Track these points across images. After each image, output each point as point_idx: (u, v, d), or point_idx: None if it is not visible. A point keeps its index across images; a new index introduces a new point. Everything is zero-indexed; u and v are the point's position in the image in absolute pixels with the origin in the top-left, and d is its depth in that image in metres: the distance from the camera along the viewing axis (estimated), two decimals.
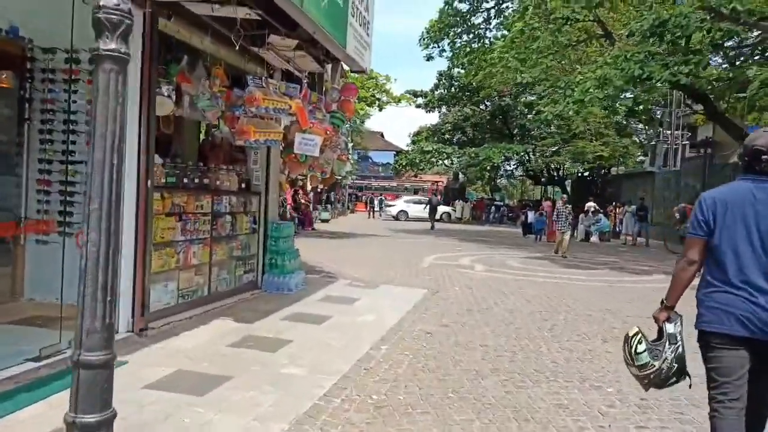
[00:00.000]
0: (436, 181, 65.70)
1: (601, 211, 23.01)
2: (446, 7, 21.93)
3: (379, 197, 43.81)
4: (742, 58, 14.78)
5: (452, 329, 5.82)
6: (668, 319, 2.61)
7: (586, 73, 16.06)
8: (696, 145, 26.72)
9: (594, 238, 21.09)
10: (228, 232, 6.35)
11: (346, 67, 7.07)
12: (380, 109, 17.90)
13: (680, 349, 2.58)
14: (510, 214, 39.76)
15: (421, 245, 16.40)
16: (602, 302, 7.90)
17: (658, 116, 36.41)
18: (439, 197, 35.52)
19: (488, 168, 31.67)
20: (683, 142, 25.80)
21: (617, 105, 15.10)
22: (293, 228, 7.42)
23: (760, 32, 13.80)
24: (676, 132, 25.46)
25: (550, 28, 16.43)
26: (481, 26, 20.67)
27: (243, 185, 6.76)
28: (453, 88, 37.30)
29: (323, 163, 7.15)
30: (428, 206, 28.00)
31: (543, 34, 15.91)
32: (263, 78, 5.70)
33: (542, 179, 39.32)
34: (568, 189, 39.86)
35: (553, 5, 16.34)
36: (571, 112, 15.15)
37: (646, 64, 14.33)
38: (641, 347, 2.61)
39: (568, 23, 16.16)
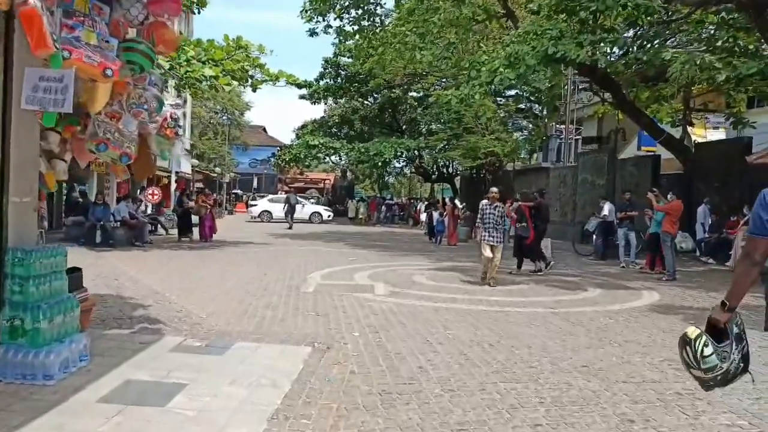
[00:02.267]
0: (323, 179, 62.91)
1: None
2: None
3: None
4: (656, 42, 13.46)
5: None
6: (729, 320, 2.40)
7: (492, 52, 14.07)
8: (589, 140, 26.42)
9: None
10: None
11: None
12: (254, 89, 14.51)
13: (746, 348, 2.45)
14: (401, 213, 37.93)
15: (306, 255, 13.42)
16: (569, 345, 5.50)
17: (538, 110, 36.67)
18: (297, 195, 32.88)
19: (379, 164, 29.32)
20: (575, 137, 25.25)
21: (529, 85, 13.16)
22: (64, 257, 4.12)
23: (687, 7, 12.48)
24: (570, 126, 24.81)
25: None
26: (372, 0, 18.06)
27: None
28: (340, 78, 34.61)
29: (118, 138, 3.95)
30: (286, 205, 26.60)
31: (444, 4, 13.62)
32: None
33: (433, 176, 37.86)
34: (457, 186, 38.97)
35: None
36: (477, 96, 12.98)
37: (560, 42, 12.56)
38: (708, 350, 2.39)
39: None
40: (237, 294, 7.72)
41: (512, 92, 31.90)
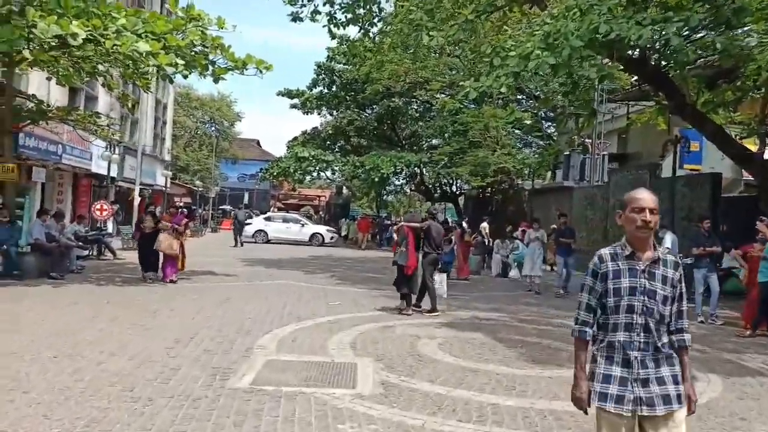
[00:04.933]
0: (318, 196, 59.67)
1: (518, 236, 18.12)
2: None
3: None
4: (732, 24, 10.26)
5: None
6: None
7: (522, 36, 10.92)
8: (618, 157, 23.19)
9: (513, 272, 16.00)
10: None
11: None
12: (216, 80, 11.24)
13: None
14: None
15: (275, 295, 10.08)
16: None
17: (549, 126, 33.50)
18: (247, 211, 30.17)
19: (376, 179, 26.05)
20: (602, 152, 22.02)
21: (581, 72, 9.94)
22: None
23: None
24: (597, 140, 21.61)
25: None
26: None
27: None
28: (335, 86, 31.52)
29: None
30: (234, 221, 25.15)
31: None
32: None
33: (435, 194, 34.56)
34: (461, 206, 35.68)
35: None
36: (503, 89, 9.75)
37: (612, 21, 9.47)
38: None
39: None
40: (87, 398, 4.34)
41: (525, 112, 29.01)
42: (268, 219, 29.77)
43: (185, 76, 12.44)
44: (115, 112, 24.89)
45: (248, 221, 31.91)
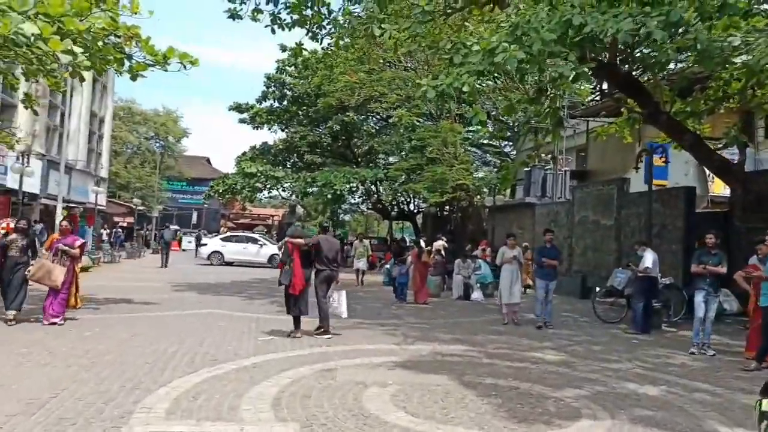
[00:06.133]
0: (272, 215, 57.53)
1: (478, 255, 16.88)
2: None
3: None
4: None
5: None
6: None
7: (486, 31, 9.75)
8: (578, 174, 22.39)
9: (476, 294, 14.66)
10: None
11: None
12: (134, 77, 9.51)
13: None
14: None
15: (190, 331, 8.34)
16: None
17: (506, 145, 32.83)
18: (176, 230, 29.27)
19: (329, 196, 24.48)
20: (564, 168, 21.17)
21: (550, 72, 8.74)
22: None
23: None
24: (558, 156, 20.77)
25: None
26: None
27: None
28: (285, 100, 29.94)
29: None
30: (161, 241, 25.04)
31: None
32: None
33: (392, 213, 33.22)
34: (419, 224, 34.47)
35: None
36: (465, 88, 8.47)
37: (588, 14, 8.45)
38: None
39: None
40: None
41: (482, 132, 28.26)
42: (225, 239, 27.63)
43: (99, 72, 10.72)
44: (40, 122, 22.64)
45: (203, 242, 29.76)
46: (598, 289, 12.15)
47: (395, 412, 4.79)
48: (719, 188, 16.88)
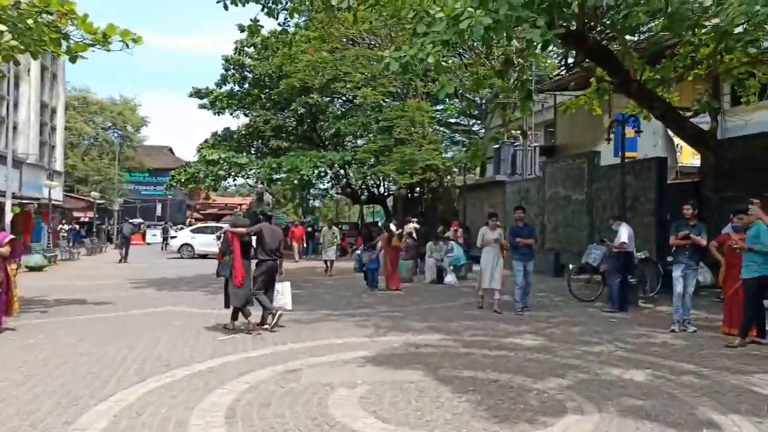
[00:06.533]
0: (239, 204, 56.26)
1: (450, 236, 16.47)
2: None
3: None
4: None
5: None
6: None
7: None
8: (547, 150, 22.14)
9: (450, 278, 14.30)
10: None
11: None
12: (73, 59, 8.67)
13: None
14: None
15: (146, 331, 7.72)
16: None
17: (474, 123, 32.48)
18: (134, 225, 28.68)
19: (296, 181, 23.73)
20: (534, 144, 20.88)
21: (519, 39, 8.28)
22: None
23: None
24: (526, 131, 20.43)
25: None
26: None
27: None
28: (246, 83, 28.89)
29: None
30: (120, 236, 24.79)
31: None
32: None
33: (362, 197, 32.64)
34: (390, 207, 33.99)
35: None
36: (430, 59, 7.94)
37: None
38: None
39: None
40: None
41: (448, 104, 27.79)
42: (195, 231, 26.79)
43: (34, 55, 9.78)
44: None
45: (173, 234, 28.77)
46: (572, 266, 11.88)
47: (364, 417, 4.31)
48: (688, 158, 16.82)
